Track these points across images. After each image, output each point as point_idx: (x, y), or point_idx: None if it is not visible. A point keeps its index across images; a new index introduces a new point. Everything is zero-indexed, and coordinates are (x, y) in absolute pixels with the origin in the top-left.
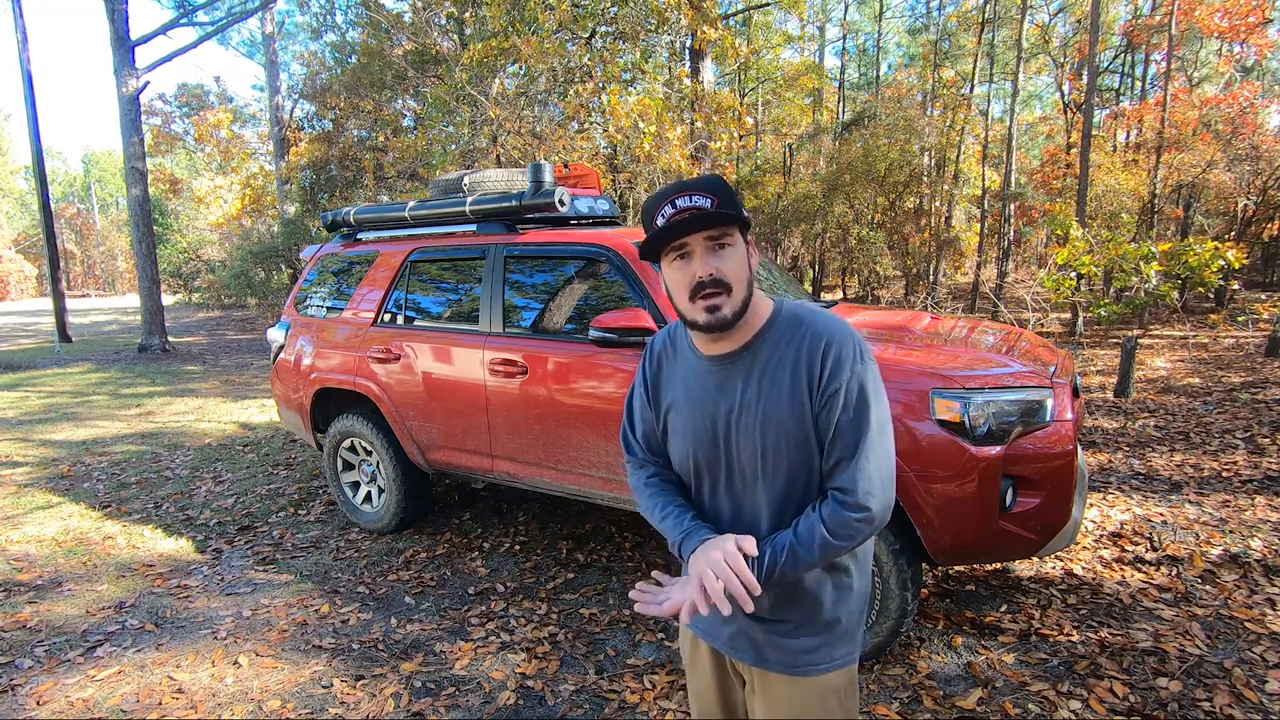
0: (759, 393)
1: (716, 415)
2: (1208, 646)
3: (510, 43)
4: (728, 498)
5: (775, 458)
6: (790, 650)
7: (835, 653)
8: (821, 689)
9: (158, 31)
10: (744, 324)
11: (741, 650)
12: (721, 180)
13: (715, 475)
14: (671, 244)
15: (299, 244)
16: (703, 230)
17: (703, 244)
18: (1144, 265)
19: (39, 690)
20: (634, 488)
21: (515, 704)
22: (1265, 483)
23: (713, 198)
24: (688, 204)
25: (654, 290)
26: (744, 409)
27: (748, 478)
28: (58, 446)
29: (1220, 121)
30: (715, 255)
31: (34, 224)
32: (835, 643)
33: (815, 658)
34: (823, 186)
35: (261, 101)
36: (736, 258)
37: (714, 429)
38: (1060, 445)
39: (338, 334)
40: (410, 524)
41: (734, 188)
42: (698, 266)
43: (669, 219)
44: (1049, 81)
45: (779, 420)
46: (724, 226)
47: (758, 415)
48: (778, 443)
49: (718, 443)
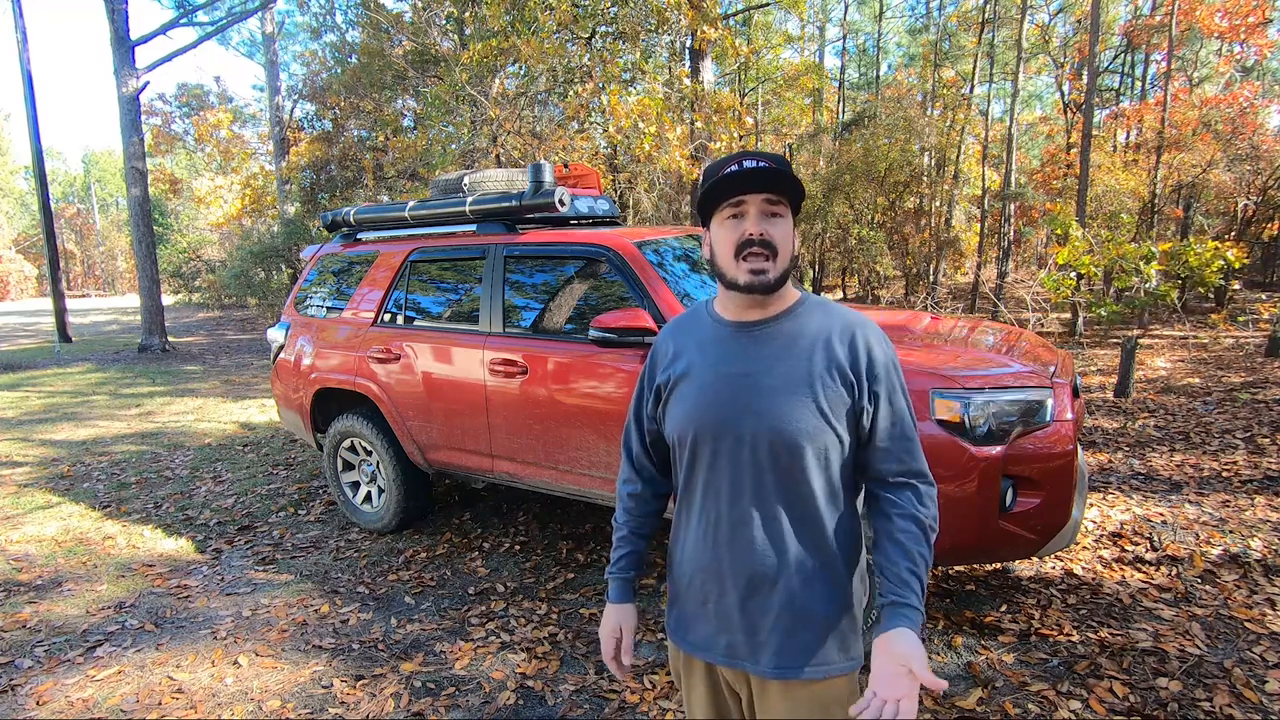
0: (788, 358)
1: (736, 376)
2: (1208, 646)
3: (510, 43)
4: (730, 468)
5: (789, 424)
6: (786, 654)
7: (830, 656)
8: (821, 698)
9: (158, 31)
10: (779, 295)
11: (739, 659)
12: (785, 159)
13: (720, 443)
14: (729, 199)
15: (299, 244)
16: (762, 192)
17: (759, 205)
18: (1144, 265)
19: (39, 690)
20: (617, 485)
21: (515, 704)
22: (1265, 483)
23: (778, 166)
24: (754, 165)
25: (654, 290)
26: (768, 372)
27: (760, 444)
28: (58, 446)
29: (1220, 121)
30: (768, 220)
31: (34, 224)
32: (832, 648)
33: (811, 663)
34: (823, 186)
35: (261, 101)
36: (786, 228)
37: (730, 389)
38: (1060, 445)
39: (338, 334)
40: (410, 524)
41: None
42: (750, 225)
43: (733, 175)
44: (1049, 81)
45: (804, 387)
46: (784, 194)
47: (781, 379)
48: (796, 410)
49: (732, 405)
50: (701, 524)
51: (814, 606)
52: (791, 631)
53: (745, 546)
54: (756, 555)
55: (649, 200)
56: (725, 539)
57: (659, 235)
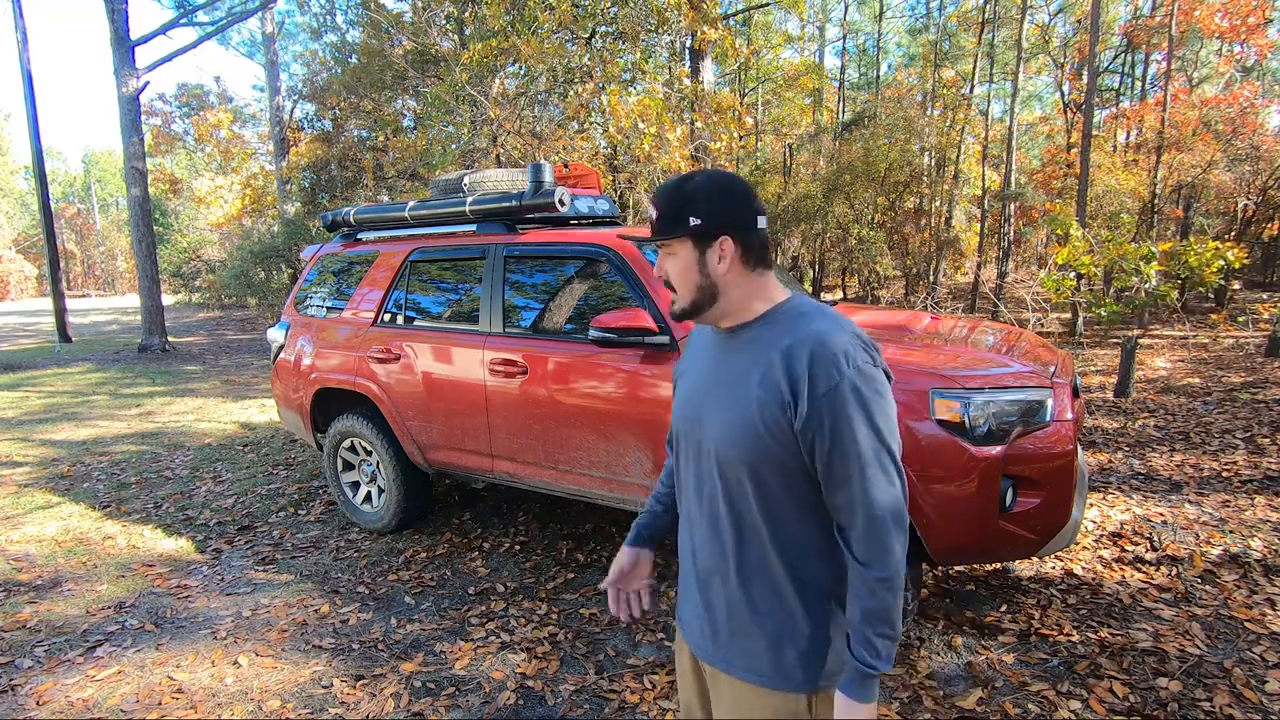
0: (736, 372)
1: (705, 384)
2: (1208, 646)
3: (510, 43)
4: (693, 467)
5: (729, 438)
6: (727, 650)
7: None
8: (756, 704)
9: (158, 31)
10: (743, 308)
11: (702, 643)
12: (673, 189)
13: (689, 444)
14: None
15: (299, 244)
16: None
17: (659, 247)
18: (1144, 265)
19: (39, 690)
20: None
21: (515, 704)
22: (1265, 483)
23: (659, 211)
24: (650, 215)
25: (654, 290)
26: (721, 383)
27: (709, 450)
28: (58, 446)
29: (1220, 121)
30: (666, 260)
31: (34, 224)
32: (764, 661)
33: (745, 667)
34: (823, 186)
35: (261, 101)
36: (679, 265)
37: (700, 396)
38: (1060, 445)
39: (338, 334)
40: (410, 524)
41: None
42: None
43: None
44: (1049, 81)
45: (744, 403)
46: (661, 240)
47: (729, 392)
48: (735, 425)
49: (698, 411)
50: (683, 518)
51: (751, 616)
52: (733, 632)
53: (700, 543)
54: (706, 553)
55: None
56: (688, 533)
57: None
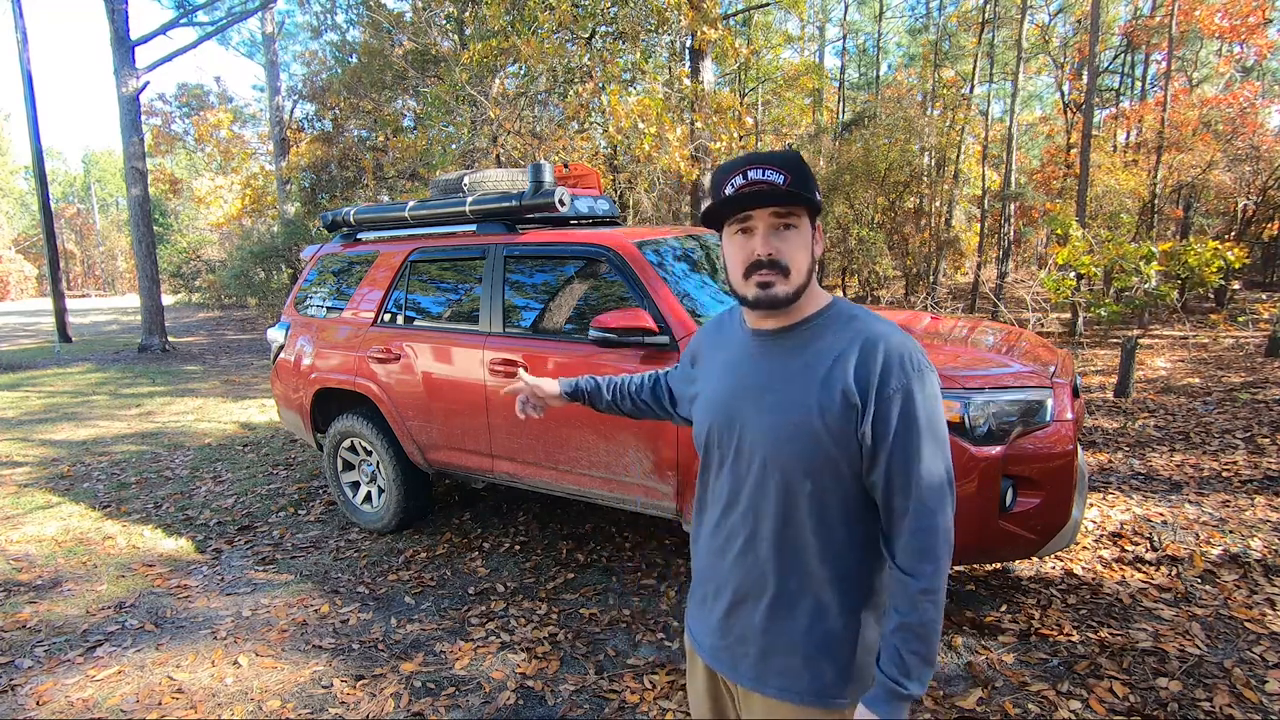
0: (791, 374)
1: (743, 387)
2: (1208, 646)
3: (510, 43)
4: (730, 478)
5: (784, 443)
6: (759, 670)
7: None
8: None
9: (158, 31)
10: (796, 306)
11: (721, 663)
12: (798, 157)
13: (725, 451)
14: (736, 216)
15: (299, 244)
16: (769, 206)
17: (767, 221)
18: (1144, 265)
19: (39, 690)
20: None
21: (515, 704)
22: (1265, 483)
23: (786, 174)
24: (759, 177)
25: (654, 290)
26: (770, 387)
27: (755, 459)
28: (58, 446)
29: (1220, 121)
30: (778, 235)
31: (34, 224)
32: (803, 678)
33: (781, 686)
34: (823, 186)
35: (261, 101)
36: (800, 241)
37: (737, 401)
38: (1060, 445)
39: (338, 334)
40: (410, 524)
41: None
42: (758, 244)
43: (738, 190)
44: (1049, 81)
45: (804, 406)
46: (792, 206)
47: (783, 395)
48: (792, 429)
49: (736, 415)
50: (708, 528)
51: (791, 633)
52: (766, 652)
53: (736, 559)
54: (744, 569)
55: (649, 200)
56: (719, 548)
57: (659, 235)
